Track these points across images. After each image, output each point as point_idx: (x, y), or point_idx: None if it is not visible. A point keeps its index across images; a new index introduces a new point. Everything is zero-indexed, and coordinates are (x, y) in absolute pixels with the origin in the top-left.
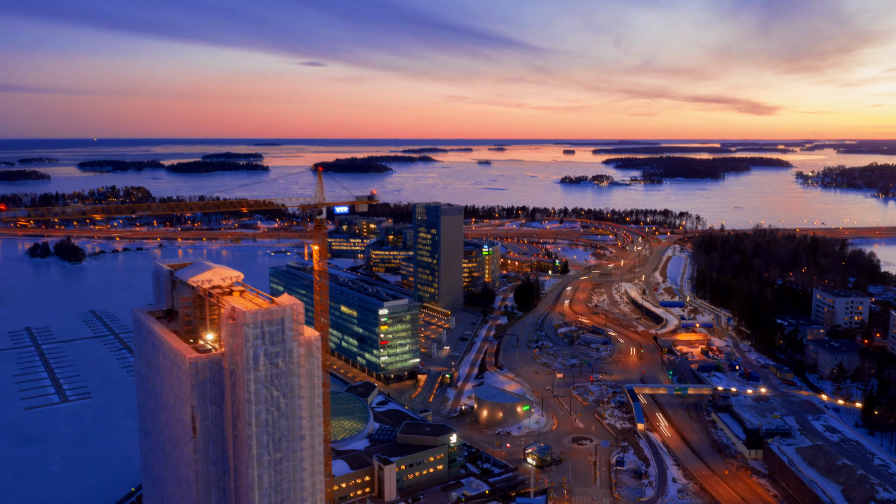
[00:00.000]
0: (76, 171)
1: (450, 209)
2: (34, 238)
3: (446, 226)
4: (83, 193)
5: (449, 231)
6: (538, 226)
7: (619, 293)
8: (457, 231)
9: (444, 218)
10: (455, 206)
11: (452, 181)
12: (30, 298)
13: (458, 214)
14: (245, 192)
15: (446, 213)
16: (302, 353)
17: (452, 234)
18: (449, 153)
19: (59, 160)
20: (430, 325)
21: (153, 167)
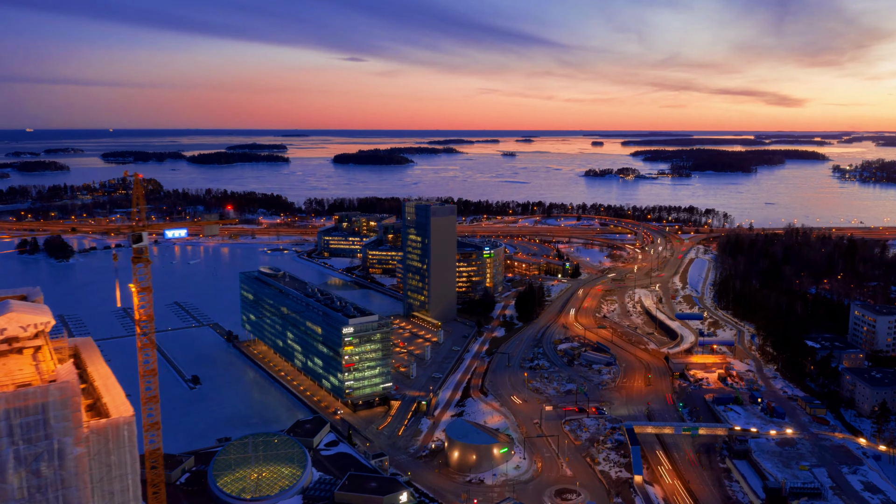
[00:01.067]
0: (99, 161)
1: (440, 209)
2: (28, 233)
3: (437, 228)
4: (93, 185)
5: (440, 233)
6: (554, 223)
7: (632, 301)
8: (449, 233)
9: (434, 219)
10: (447, 206)
11: (473, 174)
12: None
13: (451, 215)
14: (257, 185)
15: (437, 213)
16: (82, 453)
17: (444, 237)
18: (475, 145)
19: (84, 151)
20: (415, 339)
21: (175, 158)
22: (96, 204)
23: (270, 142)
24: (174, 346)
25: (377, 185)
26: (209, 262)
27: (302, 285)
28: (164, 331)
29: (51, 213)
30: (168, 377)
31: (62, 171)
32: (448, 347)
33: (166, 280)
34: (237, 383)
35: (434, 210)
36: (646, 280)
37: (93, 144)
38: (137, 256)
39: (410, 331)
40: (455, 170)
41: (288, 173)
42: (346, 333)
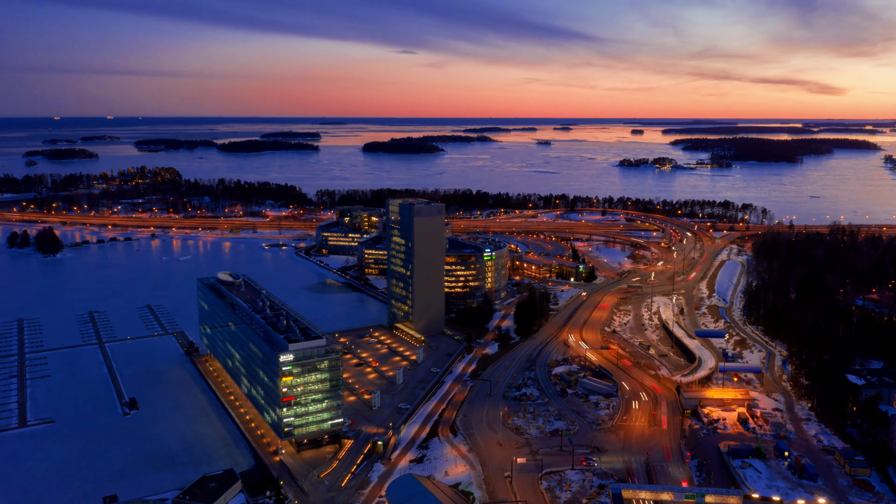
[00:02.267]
0: (133, 149)
1: (426, 208)
2: (29, 224)
3: (421, 229)
4: (111, 174)
5: (425, 236)
6: (576, 218)
7: (649, 312)
8: (436, 235)
9: (418, 220)
10: (434, 205)
11: (502, 163)
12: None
13: (438, 215)
14: (277, 175)
15: (421, 212)
16: None
17: (430, 240)
18: (511, 133)
19: (120, 138)
20: (391, 357)
21: (206, 146)
22: (106, 194)
23: (306, 129)
24: (126, 359)
25: (401, 174)
26: (199, 260)
27: (255, 296)
28: (121, 340)
29: (53, 203)
30: (103, 399)
31: (91, 159)
32: (427, 368)
33: (149, 279)
34: (179, 409)
35: (418, 209)
36: (668, 285)
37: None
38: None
39: (389, 346)
40: (485, 159)
41: (314, 162)
42: (285, 362)
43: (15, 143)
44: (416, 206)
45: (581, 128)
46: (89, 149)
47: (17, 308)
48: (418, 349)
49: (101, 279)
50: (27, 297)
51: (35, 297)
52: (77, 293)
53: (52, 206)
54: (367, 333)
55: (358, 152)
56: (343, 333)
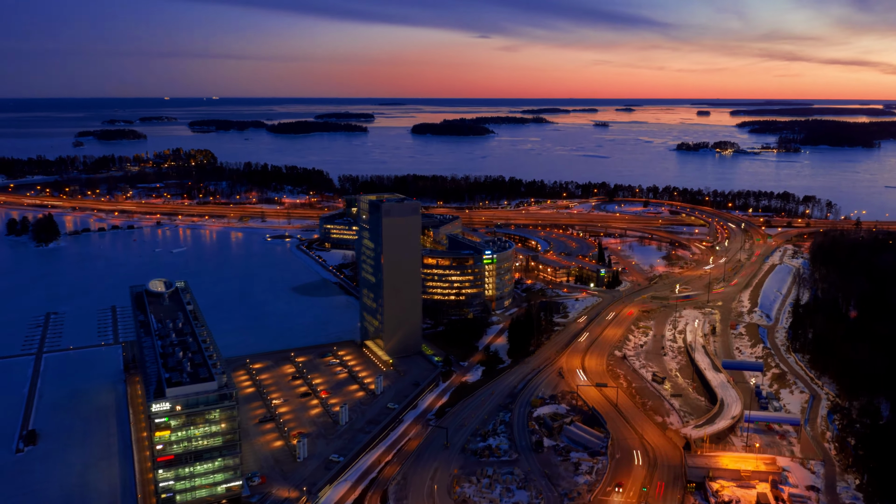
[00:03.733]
0: (186, 130)
1: (397, 207)
2: (39, 209)
3: (392, 231)
4: (144, 156)
5: (396, 239)
6: (614, 209)
7: (674, 330)
8: (410, 239)
9: (387, 220)
10: (407, 203)
11: (552, 146)
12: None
13: (412, 214)
14: (315, 157)
15: (391, 212)
16: None
17: (402, 244)
18: (571, 114)
19: (177, 119)
20: (347, 385)
21: (257, 127)
22: (127, 178)
23: (361, 110)
24: (56, 374)
25: (443, 157)
26: (194, 252)
27: (173, 313)
28: (63, 350)
29: (66, 187)
30: (3, 430)
31: (139, 140)
32: (384, 403)
33: (129, 274)
34: (82, 446)
35: (387, 208)
36: (704, 294)
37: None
38: None
39: (351, 369)
40: (535, 142)
41: (358, 144)
42: (159, 412)
43: (75, 123)
44: (384, 204)
45: (644, 109)
46: (140, 130)
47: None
48: (378, 377)
49: (79, 273)
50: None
51: (2, 293)
52: (46, 290)
53: (66, 190)
54: (331, 352)
55: (406, 134)
56: (304, 351)
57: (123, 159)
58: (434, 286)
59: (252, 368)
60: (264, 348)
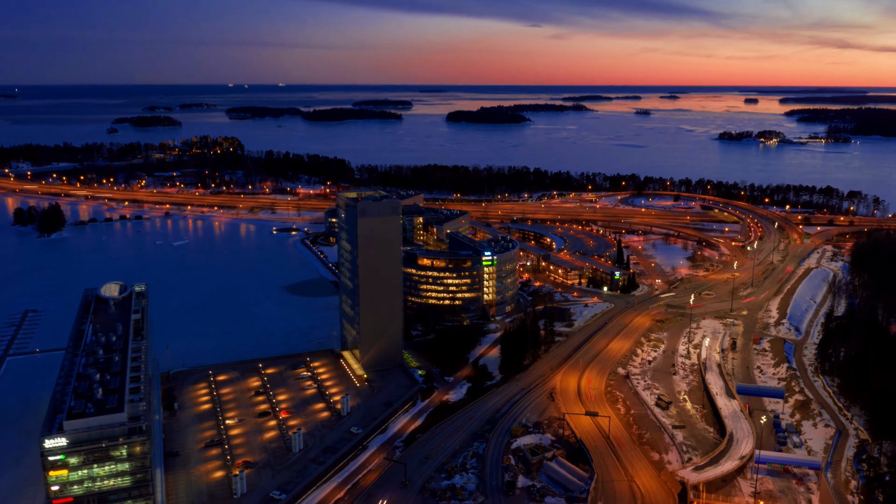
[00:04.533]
0: (223, 117)
1: (374, 206)
2: (52, 197)
3: (368, 233)
4: (171, 144)
5: (373, 241)
6: (641, 203)
7: (689, 344)
8: (389, 241)
9: (362, 221)
10: (386, 201)
11: (588, 135)
12: None
13: (391, 214)
14: (342, 145)
15: (367, 212)
16: None
17: (380, 247)
18: (613, 102)
19: (217, 105)
20: (313, 403)
21: (293, 114)
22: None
23: (399, 98)
24: (15, 380)
25: (473, 146)
26: (195, 244)
27: (114, 323)
28: (28, 353)
29: (81, 175)
30: None
31: (174, 127)
32: (347, 427)
33: (121, 269)
34: (15, 467)
35: (362, 207)
36: (726, 302)
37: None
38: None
39: (322, 384)
40: (571, 130)
41: (389, 132)
42: (53, 448)
43: (115, 110)
44: (359, 202)
45: (690, 97)
46: (178, 117)
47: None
48: (346, 395)
49: (71, 267)
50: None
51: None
52: (33, 285)
53: (81, 179)
54: (304, 363)
55: (441, 122)
56: (276, 361)
57: (150, 147)
58: (428, 289)
59: (214, 381)
60: (237, 356)
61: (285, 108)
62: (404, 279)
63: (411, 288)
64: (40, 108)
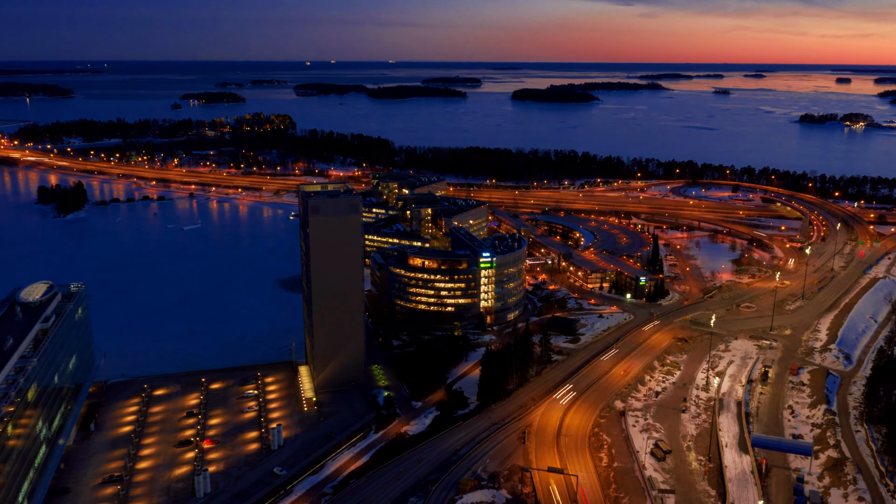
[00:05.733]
0: (292, 94)
1: (328, 203)
2: (86, 174)
3: (321, 233)
4: (222, 121)
5: (328, 242)
6: (692, 193)
7: (710, 371)
8: (347, 243)
9: (315, 220)
10: (344, 198)
11: (657, 116)
12: None
13: (349, 213)
14: (396, 124)
15: (320, 209)
16: None
17: (336, 251)
18: (693, 80)
19: (287, 82)
20: (245, 433)
21: (358, 91)
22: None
23: (469, 75)
24: None
25: (531, 126)
26: (207, 229)
27: (6, 335)
28: None
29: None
30: None
31: (238, 104)
32: (272, 465)
33: (122, 253)
34: None
35: (315, 205)
36: (766, 320)
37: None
38: None
39: (266, 404)
40: (641, 110)
41: (450, 110)
42: None
43: (187, 86)
44: (311, 199)
45: (777, 76)
46: (246, 93)
47: None
48: (278, 426)
49: (71, 251)
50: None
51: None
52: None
53: (116, 156)
54: (255, 378)
55: (506, 100)
56: (225, 374)
57: (201, 123)
58: (417, 293)
59: (149, 396)
60: (195, 363)
61: (352, 86)
62: (393, 281)
63: (400, 291)
64: (122, 82)
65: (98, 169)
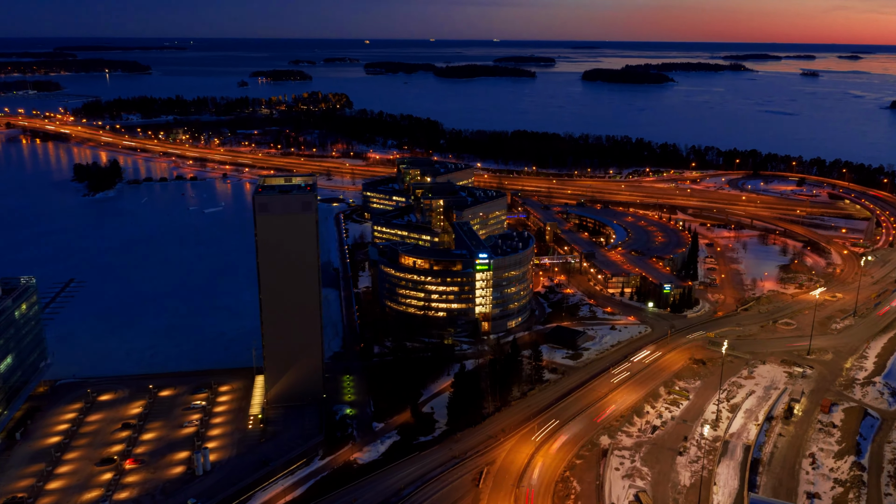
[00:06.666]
0: (362, 72)
1: (276, 200)
2: (129, 152)
3: (269, 233)
4: (280, 99)
5: (277, 245)
6: (748, 187)
7: (724, 403)
8: (300, 245)
9: (262, 218)
10: (297, 194)
11: (733, 99)
12: None
13: (304, 212)
14: (451, 104)
15: (268, 206)
16: None
17: (287, 253)
18: (781, 62)
19: (360, 60)
20: (174, 453)
21: (426, 70)
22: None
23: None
24: None
25: (594, 109)
26: (228, 212)
27: None
28: None
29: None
30: None
31: (304, 81)
32: (187, 496)
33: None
34: None
35: (262, 202)
36: (805, 341)
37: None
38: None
39: (208, 418)
40: (717, 93)
41: (514, 91)
42: None
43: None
44: (259, 196)
45: (875, 58)
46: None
47: None
48: (204, 449)
49: (83, 232)
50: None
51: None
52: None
53: (160, 134)
54: (208, 386)
55: (576, 81)
56: (180, 379)
57: (257, 102)
58: (407, 295)
59: (92, 402)
60: (161, 364)
61: (420, 64)
62: (383, 280)
63: (390, 292)
64: (201, 59)
65: (142, 146)
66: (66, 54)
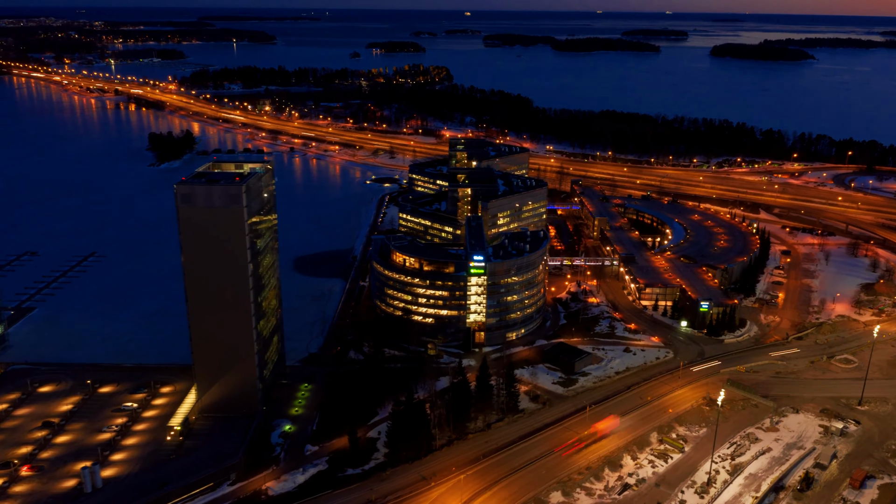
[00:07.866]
0: (480, 45)
1: (201, 191)
2: (212, 122)
3: (193, 228)
4: (376, 72)
5: (202, 241)
6: (853, 185)
7: (726, 461)
8: (228, 241)
9: (184, 210)
10: (225, 185)
11: (880, 80)
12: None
13: (231, 205)
14: (557, 80)
15: (192, 198)
16: None
17: (214, 250)
18: None
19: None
20: (73, 462)
21: (545, 43)
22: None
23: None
24: None
25: (710, 90)
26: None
27: None
28: None
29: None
30: None
31: (417, 53)
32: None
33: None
34: None
35: (184, 192)
36: (858, 385)
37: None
38: None
39: (130, 426)
40: (861, 72)
41: (631, 66)
42: None
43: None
44: (181, 185)
45: None
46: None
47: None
48: (94, 465)
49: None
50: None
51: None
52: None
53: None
54: (149, 386)
55: (703, 57)
56: (127, 375)
57: (357, 74)
58: (394, 296)
59: (30, 392)
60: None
61: (539, 37)
62: (374, 279)
63: (380, 292)
64: (328, 30)
65: (224, 117)
66: (206, 24)
